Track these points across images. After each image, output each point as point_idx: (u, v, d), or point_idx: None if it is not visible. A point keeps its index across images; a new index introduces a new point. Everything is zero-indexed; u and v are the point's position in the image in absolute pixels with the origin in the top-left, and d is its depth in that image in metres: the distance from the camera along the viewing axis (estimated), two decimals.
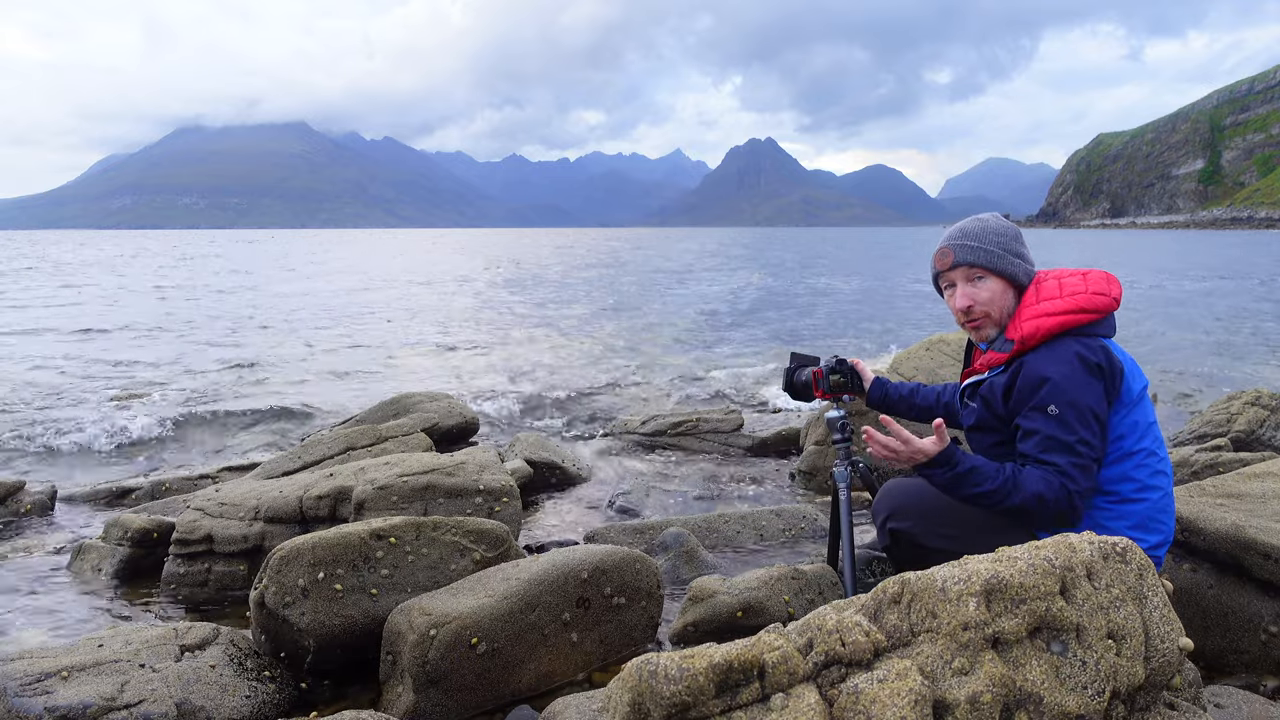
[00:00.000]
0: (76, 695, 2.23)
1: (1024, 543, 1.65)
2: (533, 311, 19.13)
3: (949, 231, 2.52)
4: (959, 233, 2.47)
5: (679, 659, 1.41)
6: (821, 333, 15.67)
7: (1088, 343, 2.24)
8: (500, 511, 3.77)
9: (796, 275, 33.62)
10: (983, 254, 2.39)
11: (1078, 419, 2.16)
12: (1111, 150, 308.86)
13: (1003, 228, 2.44)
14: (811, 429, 5.91)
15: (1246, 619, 2.61)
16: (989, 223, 2.46)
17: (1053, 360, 2.22)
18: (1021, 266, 2.40)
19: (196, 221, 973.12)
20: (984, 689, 1.39)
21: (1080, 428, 2.16)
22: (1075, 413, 2.16)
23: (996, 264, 2.38)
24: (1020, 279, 2.39)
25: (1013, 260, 2.39)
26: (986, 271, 2.39)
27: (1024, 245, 2.44)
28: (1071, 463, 2.16)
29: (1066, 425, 2.16)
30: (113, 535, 4.07)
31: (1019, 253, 2.41)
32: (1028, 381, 2.24)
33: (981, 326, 2.45)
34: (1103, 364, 2.21)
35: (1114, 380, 2.23)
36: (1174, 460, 4.54)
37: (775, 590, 3.01)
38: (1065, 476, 2.16)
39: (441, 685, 2.50)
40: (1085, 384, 2.18)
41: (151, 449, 6.67)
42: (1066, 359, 2.20)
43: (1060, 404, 2.17)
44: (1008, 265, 2.38)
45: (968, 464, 2.28)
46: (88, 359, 11.70)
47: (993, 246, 2.39)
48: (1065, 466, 2.16)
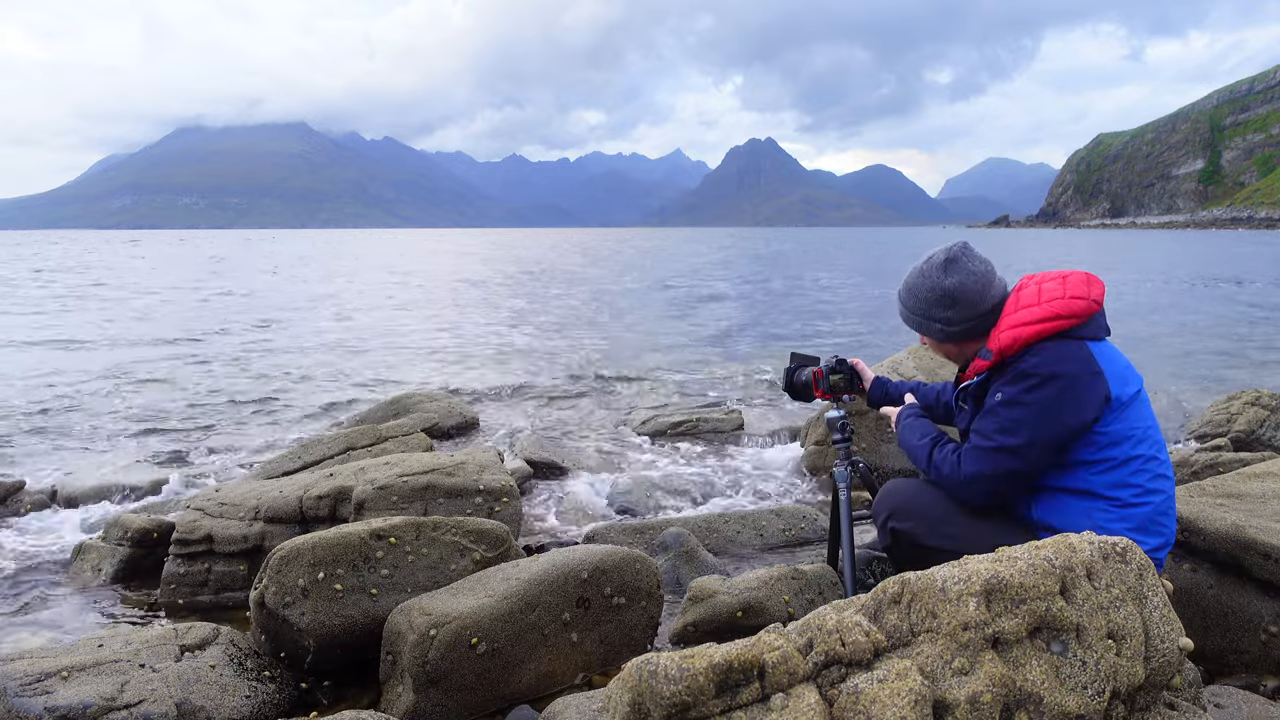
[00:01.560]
0: (76, 695, 2.23)
1: (1024, 543, 1.66)
2: (533, 311, 19.13)
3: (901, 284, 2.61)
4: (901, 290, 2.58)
5: (679, 659, 1.41)
6: (821, 332, 15.67)
7: (1067, 348, 2.21)
8: (500, 511, 3.77)
9: (797, 275, 33.62)
10: (906, 317, 2.57)
11: (1015, 413, 2.22)
12: (1111, 150, 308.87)
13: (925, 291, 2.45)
14: (811, 429, 5.91)
15: (1246, 619, 2.62)
16: (915, 285, 2.49)
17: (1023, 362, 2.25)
18: (937, 330, 2.47)
19: (196, 221, 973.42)
20: (984, 689, 1.39)
21: (1012, 422, 2.22)
22: (1016, 408, 2.22)
23: (916, 328, 2.55)
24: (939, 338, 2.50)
25: (930, 324, 2.49)
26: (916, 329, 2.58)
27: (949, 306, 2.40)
28: (976, 447, 2.30)
29: (999, 415, 2.26)
30: (113, 535, 4.08)
31: (939, 317, 2.44)
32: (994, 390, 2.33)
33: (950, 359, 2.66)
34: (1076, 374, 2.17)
35: (1090, 390, 2.17)
36: (1174, 460, 4.54)
37: (775, 590, 3.01)
38: (965, 455, 2.33)
39: (441, 685, 2.51)
40: (1042, 386, 2.19)
41: (152, 448, 6.66)
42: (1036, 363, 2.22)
43: (1008, 395, 2.25)
44: (926, 329, 2.52)
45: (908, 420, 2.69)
46: (88, 358, 11.71)
47: (911, 313, 2.53)
48: (967, 449, 2.33)
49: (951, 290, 2.38)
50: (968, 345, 2.50)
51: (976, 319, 2.40)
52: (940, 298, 2.41)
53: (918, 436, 2.59)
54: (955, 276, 2.38)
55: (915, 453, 2.57)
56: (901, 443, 2.68)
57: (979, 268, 2.39)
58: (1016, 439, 2.22)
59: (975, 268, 2.38)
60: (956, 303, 2.39)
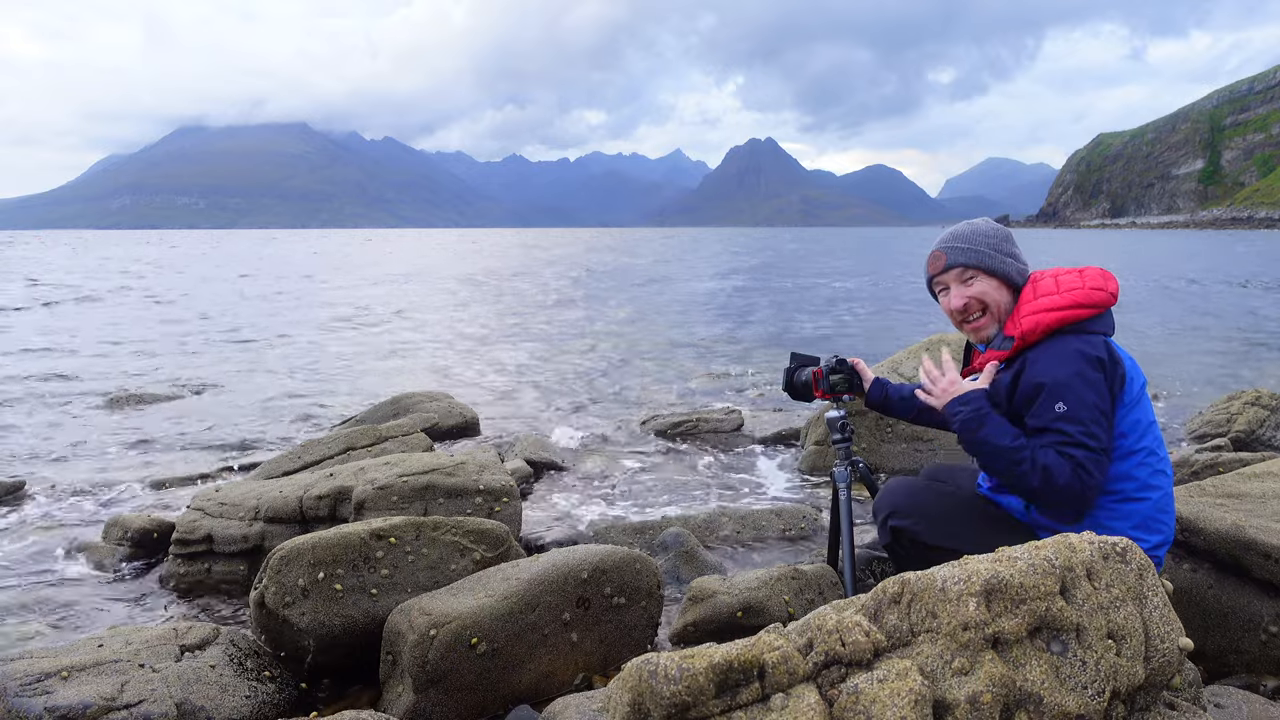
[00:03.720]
0: (76, 695, 2.23)
1: (1024, 542, 1.66)
2: (534, 311, 19.13)
3: (941, 236, 2.58)
4: (950, 236, 2.53)
5: (679, 659, 1.41)
6: (822, 332, 15.67)
7: (1089, 339, 2.25)
8: (500, 511, 3.77)
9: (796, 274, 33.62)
10: (974, 255, 2.44)
11: (1088, 415, 2.17)
12: (1111, 150, 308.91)
13: (993, 230, 2.50)
14: (811, 429, 5.91)
15: (1246, 619, 2.62)
16: (979, 226, 2.53)
17: (1056, 358, 2.23)
18: (1014, 265, 2.45)
19: (196, 221, 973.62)
20: (984, 689, 1.39)
21: (1090, 423, 2.17)
22: (1085, 409, 2.17)
23: (987, 263, 2.44)
24: (1013, 277, 2.44)
25: (1004, 259, 2.44)
26: (979, 271, 2.45)
27: (1015, 246, 2.49)
28: (1087, 456, 2.17)
29: (1077, 421, 2.17)
30: (113, 535, 4.08)
31: (1010, 252, 2.46)
32: (1033, 380, 2.25)
33: (981, 326, 2.48)
34: (1104, 359, 2.22)
35: (1116, 377, 2.24)
36: (1174, 460, 4.54)
37: (775, 590, 3.01)
38: (1081, 469, 2.16)
39: (441, 685, 2.51)
40: (1090, 380, 2.19)
41: (152, 448, 6.67)
42: (1069, 356, 2.21)
43: (1069, 401, 2.18)
44: (999, 264, 2.44)
45: (993, 413, 2.33)
46: (89, 358, 11.70)
47: (983, 247, 2.45)
48: (1082, 459, 2.16)
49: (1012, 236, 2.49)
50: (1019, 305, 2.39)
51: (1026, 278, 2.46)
52: (1009, 236, 2.48)
53: (1010, 437, 2.25)
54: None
55: (1004, 454, 2.24)
56: (977, 432, 2.31)
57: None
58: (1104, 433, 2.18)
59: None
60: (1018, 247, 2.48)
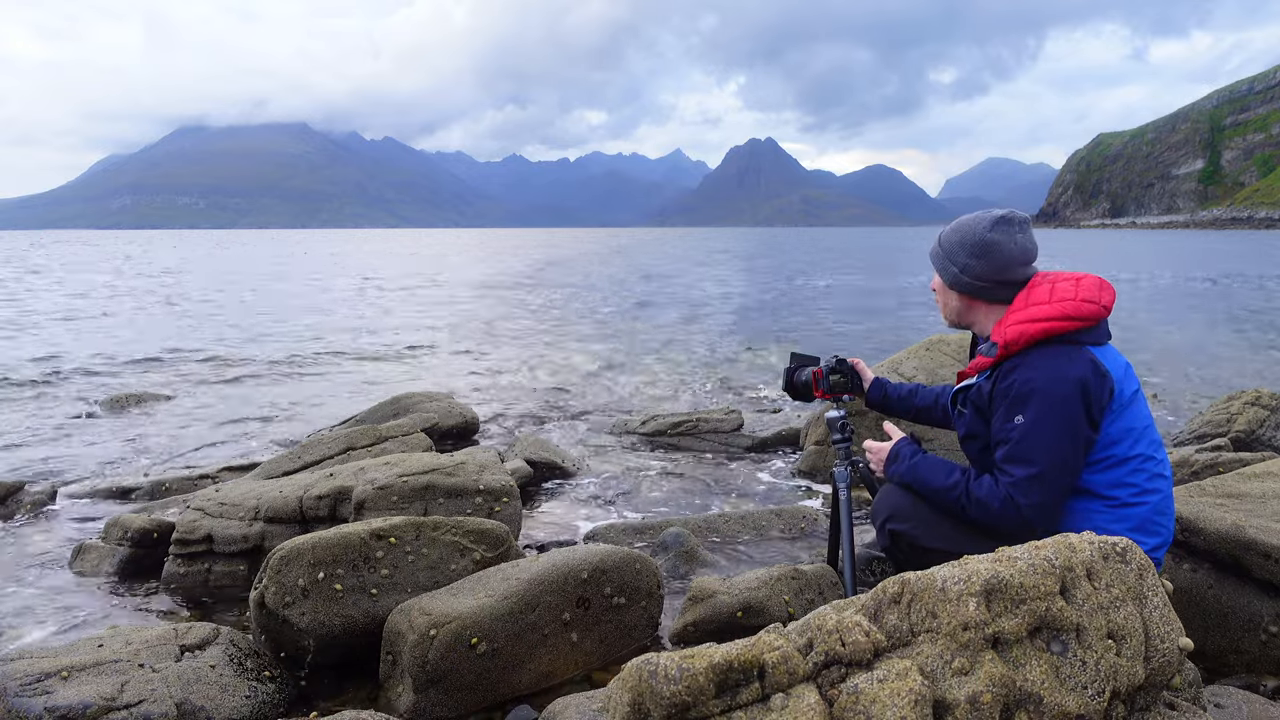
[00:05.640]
0: (76, 695, 2.23)
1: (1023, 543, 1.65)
2: (534, 311, 19.13)
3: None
4: (943, 229, 2.57)
5: (679, 659, 1.41)
6: (821, 332, 15.67)
7: (1072, 353, 2.21)
8: (500, 511, 3.77)
9: (796, 274, 33.62)
10: (934, 258, 2.54)
11: (1046, 431, 2.15)
12: (1111, 150, 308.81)
13: (954, 234, 2.48)
14: (811, 429, 5.91)
15: (1246, 619, 2.62)
16: (952, 227, 2.53)
17: (1032, 370, 2.21)
18: (951, 273, 2.46)
19: (196, 221, 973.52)
20: (984, 689, 1.39)
21: (1047, 440, 2.15)
22: (1045, 425, 2.16)
23: (937, 267, 2.53)
24: (962, 284, 2.45)
25: (947, 265, 2.48)
26: (936, 274, 2.55)
27: (976, 252, 2.39)
28: (1028, 475, 2.17)
29: (1031, 437, 2.17)
30: (113, 535, 4.08)
31: (959, 261, 2.44)
32: (1005, 389, 2.25)
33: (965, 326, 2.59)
34: (1086, 376, 2.17)
35: (1104, 390, 2.19)
36: (1174, 460, 4.54)
37: (775, 590, 3.01)
38: (1016, 488, 2.18)
39: (441, 685, 2.51)
40: (1062, 398, 2.16)
41: (152, 448, 6.67)
42: (1045, 369, 2.19)
43: (1031, 415, 2.17)
44: (945, 271, 2.49)
45: (917, 459, 2.48)
46: (90, 356, 11.70)
47: (938, 252, 2.52)
48: (1020, 478, 2.18)
49: (987, 243, 2.39)
50: (970, 308, 2.49)
51: (993, 284, 2.40)
52: (973, 245, 2.41)
53: (943, 476, 2.39)
54: (999, 234, 2.38)
55: (942, 494, 2.38)
56: (915, 482, 2.48)
57: (1024, 242, 2.39)
58: (1058, 454, 2.16)
59: (1021, 240, 2.39)
60: (985, 257, 2.39)
